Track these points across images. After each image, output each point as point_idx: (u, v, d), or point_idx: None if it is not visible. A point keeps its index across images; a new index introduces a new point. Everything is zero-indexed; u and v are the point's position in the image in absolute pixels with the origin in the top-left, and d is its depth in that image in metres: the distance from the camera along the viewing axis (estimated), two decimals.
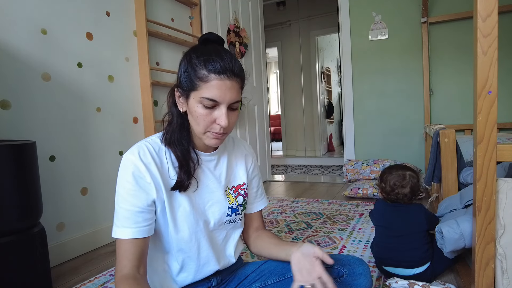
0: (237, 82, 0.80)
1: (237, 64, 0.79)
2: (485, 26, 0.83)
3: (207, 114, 0.79)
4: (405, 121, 3.20)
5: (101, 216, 1.91)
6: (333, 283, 0.78)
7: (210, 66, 0.76)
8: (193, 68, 0.78)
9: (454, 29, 2.97)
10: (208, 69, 0.76)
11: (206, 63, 0.76)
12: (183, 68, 0.81)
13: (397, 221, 1.30)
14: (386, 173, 1.39)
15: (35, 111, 1.60)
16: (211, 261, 0.90)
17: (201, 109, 0.78)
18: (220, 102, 0.78)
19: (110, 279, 1.46)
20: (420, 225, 1.27)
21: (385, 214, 1.35)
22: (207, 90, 0.76)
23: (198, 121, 0.80)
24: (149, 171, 0.80)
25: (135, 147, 0.83)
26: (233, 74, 0.78)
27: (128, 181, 0.79)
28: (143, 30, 2.17)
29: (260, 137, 3.53)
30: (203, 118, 0.79)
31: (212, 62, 0.76)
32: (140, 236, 0.79)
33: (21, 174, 1.20)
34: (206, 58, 0.76)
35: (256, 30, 3.51)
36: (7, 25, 1.51)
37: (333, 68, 6.73)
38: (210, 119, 0.79)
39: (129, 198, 0.79)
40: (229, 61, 0.77)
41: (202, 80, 0.77)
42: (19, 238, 1.19)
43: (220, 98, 0.77)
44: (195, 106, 0.79)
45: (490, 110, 0.86)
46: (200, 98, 0.77)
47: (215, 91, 0.76)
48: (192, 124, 0.84)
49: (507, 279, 0.93)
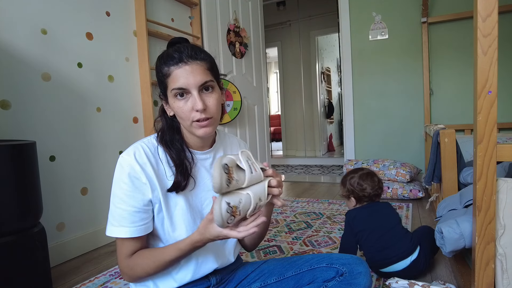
0: (199, 64, 0.82)
1: (195, 49, 0.83)
2: (485, 26, 0.83)
3: (184, 104, 0.81)
4: (405, 121, 3.20)
5: (101, 216, 1.91)
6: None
7: (169, 61, 0.81)
8: (159, 70, 0.84)
9: (454, 29, 2.97)
10: (168, 64, 0.81)
11: (166, 61, 0.82)
12: (156, 76, 0.87)
13: (376, 221, 1.36)
14: (358, 178, 1.45)
15: (35, 111, 1.60)
16: (209, 259, 0.91)
17: (177, 102, 0.82)
18: (188, 88, 0.80)
19: (110, 279, 1.46)
20: (396, 217, 1.39)
21: (364, 219, 1.39)
22: (173, 82, 0.81)
23: (181, 115, 0.83)
24: (144, 172, 0.81)
25: (130, 148, 0.84)
26: (190, 57, 0.81)
27: (124, 182, 0.81)
28: (143, 30, 2.17)
29: (260, 137, 3.53)
30: (182, 110, 0.82)
31: (169, 57, 0.82)
32: (137, 235, 0.81)
33: (21, 174, 1.20)
34: (165, 56, 0.83)
35: (256, 30, 3.51)
36: (7, 25, 1.51)
37: (333, 68, 6.73)
38: (188, 109, 0.81)
39: (126, 198, 0.80)
40: (183, 48, 0.82)
41: (167, 75, 0.82)
42: (19, 238, 1.19)
43: (185, 84, 0.80)
44: (173, 103, 0.83)
45: (490, 110, 0.85)
46: (171, 92, 0.82)
47: (179, 80, 0.80)
48: (180, 122, 0.86)
49: (507, 279, 0.93)
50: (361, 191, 1.43)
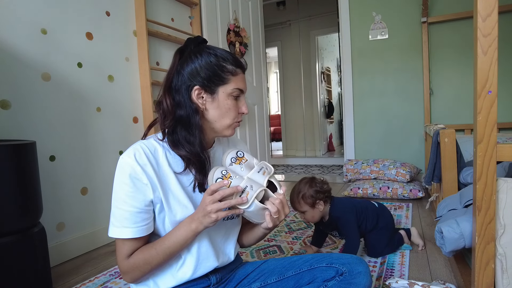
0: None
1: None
2: (485, 26, 0.83)
3: (235, 105, 0.88)
4: (405, 121, 3.20)
5: (101, 216, 1.91)
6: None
7: (237, 62, 0.89)
8: (221, 64, 0.86)
9: (454, 29, 2.97)
10: (236, 65, 0.88)
11: (233, 62, 0.88)
12: (205, 65, 0.85)
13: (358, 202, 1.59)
14: (309, 183, 1.48)
15: (35, 111, 1.60)
16: (210, 257, 0.91)
17: (231, 101, 0.87)
18: (244, 92, 0.91)
19: (110, 279, 1.46)
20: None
21: (353, 202, 1.57)
22: (237, 82, 0.88)
23: (229, 113, 0.88)
24: (145, 173, 0.81)
25: (130, 149, 0.84)
26: (243, 69, 0.92)
27: (125, 183, 0.81)
28: (143, 30, 2.17)
29: (260, 137, 3.53)
30: (233, 110, 0.88)
31: (238, 62, 0.89)
32: (140, 235, 0.82)
33: (21, 174, 1.20)
34: (231, 55, 0.89)
35: (256, 30, 3.51)
36: (7, 25, 1.51)
37: (333, 68, 6.73)
38: (236, 110, 0.89)
39: (127, 199, 0.81)
40: (238, 58, 0.93)
41: (233, 74, 0.87)
42: (19, 238, 1.19)
43: (245, 88, 0.90)
44: (225, 100, 0.87)
45: (490, 110, 0.85)
46: (232, 89, 0.87)
47: (241, 82, 0.89)
48: (217, 118, 0.88)
49: (507, 279, 0.93)
50: (325, 186, 1.48)
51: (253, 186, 0.79)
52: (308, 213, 1.47)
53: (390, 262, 1.46)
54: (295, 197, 1.48)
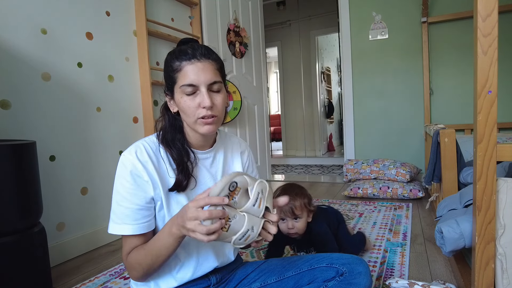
0: (210, 64, 0.83)
1: (208, 49, 0.84)
2: (485, 25, 0.83)
3: (191, 101, 0.82)
4: (405, 121, 3.20)
5: (101, 216, 1.91)
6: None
7: (182, 56, 0.82)
8: (169, 65, 0.84)
9: (454, 29, 2.97)
10: (180, 59, 0.82)
11: (178, 55, 0.82)
12: (164, 72, 0.87)
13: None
14: (298, 191, 1.32)
15: (35, 111, 1.60)
16: (210, 258, 0.91)
17: (185, 99, 0.82)
18: (198, 85, 0.81)
19: (110, 278, 1.46)
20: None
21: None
22: (184, 77, 0.81)
23: (186, 111, 0.83)
24: (146, 170, 0.82)
25: (132, 146, 0.84)
26: (202, 55, 0.82)
27: (127, 180, 0.81)
28: (143, 30, 2.17)
29: (260, 137, 3.53)
30: (188, 107, 0.82)
31: (182, 52, 0.82)
32: (140, 232, 0.82)
33: (21, 174, 1.20)
34: (178, 51, 0.83)
35: (256, 30, 3.51)
36: (7, 25, 1.51)
37: (333, 68, 6.73)
38: (195, 105, 0.82)
39: (128, 196, 0.81)
40: (197, 46, 0.83)
41: (177, 70, 0.82)
42: (19, 238, 1.19)
43: (195, 80, 0.81)
44: (180, 99, 0.83)
45: (490, 110, 0.85)
46: (180, 88, 0.82)
47: (190, 75, 0.81)
48: (184, 119, 0.86)
49: (507, 279, 0.93)
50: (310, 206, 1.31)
51: (253, 228, 0.71)
52: (302, 222, 1.27)
53: (390, 262, 1.46)
54: (299, 199, 1.27)
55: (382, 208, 2.33)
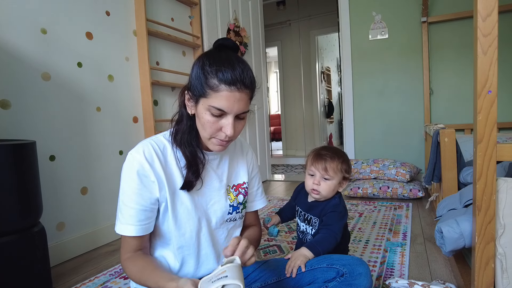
0: (247, 94, 0.80)
1: (248, 75, 0.80)
2: (485, 25, 0.83)
3: (214, 122, 0.79)
4: (405, 121, 3.20)
5: (101, 216, 1.91)
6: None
7: (221, 75, 0.76)
8: (204, 76, 0.77)
9: (454, 29, 2.97)
10: (219, 79, 0.76)
11: (218, 73, 0.76)
12: (194, 73, 0.80)
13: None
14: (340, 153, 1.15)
15: (35, 111, 1.60)
16: (210, 259, 0.91)
17: (208, 116, 0.79)
18: (228, 113, 0.78)
19: (110, 278, 1.46)
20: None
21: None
22: (216, 100, 0.77)
23: (205, 127, 0.80)
24: (153, 170, 0.81)
25: (140, 145, 0.84)
26: (243, 85, 0.78)
27: (133, 179, 0.81)
28: (143, 30, 2.17)
29: (260, 137, 3.53)
30: (210, 125, 0.80)
31: (223, 72, 0.76)
32: (141, 234, 0.82)
33: (21, 174, 1.20)
34: (218, 67, 0.76)
35: (256, 30, 3.51)
36: (7, 25, 1.51)
37: (333, 67, 6.73)
38: (216, 127, 0.80)
39: (134, 196, 0.81)
40: (241, 72, 0.77)
41: (213, 89, 0.77)
42: (19, 238, 1.19)
43: (228, 108, 0.77)
44: (203, 113, 0.79)
45: (490, 110, 0.85)
46: (208, 106, 0.78)
47: (224, 102, 0.77)
48: (199, 128, 0.84)
49: (507, 279, 0.93)
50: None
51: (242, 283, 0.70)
52: (330, 183, 1.09)
53: (390, 261, 1.46)
54: (335, 157, 1.10)
55: (382, 208, 2.33)
